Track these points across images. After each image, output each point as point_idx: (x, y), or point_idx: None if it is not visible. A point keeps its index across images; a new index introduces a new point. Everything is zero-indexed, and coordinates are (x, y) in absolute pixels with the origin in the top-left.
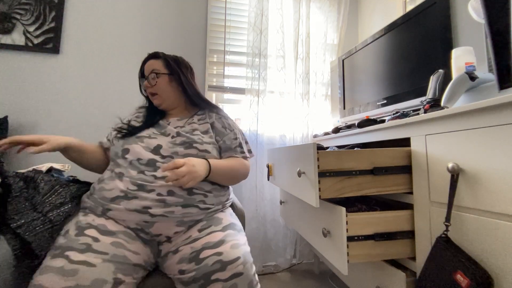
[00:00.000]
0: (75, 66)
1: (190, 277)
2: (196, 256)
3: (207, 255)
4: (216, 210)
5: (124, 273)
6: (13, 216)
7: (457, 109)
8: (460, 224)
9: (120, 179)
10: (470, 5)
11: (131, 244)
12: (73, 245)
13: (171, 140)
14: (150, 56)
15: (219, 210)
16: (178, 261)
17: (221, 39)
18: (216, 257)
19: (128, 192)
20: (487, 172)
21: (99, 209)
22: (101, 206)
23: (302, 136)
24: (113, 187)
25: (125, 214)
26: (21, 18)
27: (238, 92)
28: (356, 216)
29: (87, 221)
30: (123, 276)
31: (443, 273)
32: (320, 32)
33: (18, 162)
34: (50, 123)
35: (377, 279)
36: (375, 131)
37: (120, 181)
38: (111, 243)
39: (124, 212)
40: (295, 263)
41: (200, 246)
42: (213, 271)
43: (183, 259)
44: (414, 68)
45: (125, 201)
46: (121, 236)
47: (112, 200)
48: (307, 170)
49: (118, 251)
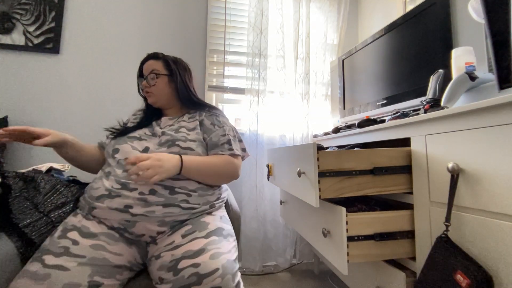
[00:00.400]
0: (75, 66)
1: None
2: (175, 266)
3: (184, 265)
4: (203, 211)
5: (103, 275)
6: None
7: (457, 109)
8: (460, 224)
9: (107, 178)
10: (470, 5)
11: (113, 245)
12: (51, 248)
13: (158, 140)
14: (149, 57)
15: (206, 210)
16: (158, 268)
17: (221, 39)
18: (193, 269)
19: (112, 191)
20: (487, 172)
21: (86, 208)
22: (88, 205)
23: (302, 136)
24: (99, 186)
25: (108, 213)
26: (21, 18)
27: (238, 92)
28: (356, 216)
29: (73, 223)
30: (102, 279)
31: (443, 273)
32: (320, 32)
33: (18, 162)
34: (50, 123)
35: (377, 279)
36: (375, 131)
37: (107, 180)
38: (91, 245)
39: (107, 210)
40: (295, 263)
41: (180, 254)
42: (189, 285)
43: (162, 267)
44: (414, 68)
45: (108, 199)
46: (102, 238)
47: (97, 199)
48: (307, 170)
49: (97, 253)
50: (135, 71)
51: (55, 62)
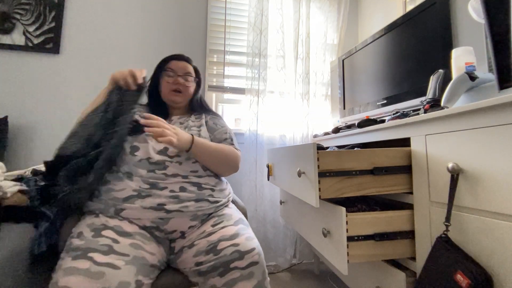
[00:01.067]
0: (75, 66)
1: (209, 266)
2: (214, 248)
3: (224, 246)
4: (223, 204)
5: (143, 274)
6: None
7: (457, 109)
8: (460, 224)
9: (130, 178)
10: (470, 5)
11: (148, 245)
12: (94, 246)
13: None
14: (183, 58)
15: (225, 204)
16: (194, 254)
17: (221, 39)
18: (234, 248)
19: (141, 191)
20: (487, 172)
21: (111, 210)
22: (113, 207)
23: (302, 136)
24: (124, 187)
25: (141, 212)
26: (21, 18)
27: (238, 92)
28: (356, 216)
29: (101, 222)
30: (143, 278)
31: (443, 273)
32: (320, 32)
33: (18, 162)
34: (50, 123)
35: (377, 279)
36: (375, 131)
37: (131, 180)
38: (130, 244)
39: (140, 210)
40: (295, 263)
41: (216, 239)
42: (232, 260)
43: (200, 252)
44: (414, 68)
45: (139, 200)
46: (138, 237)
47: (126, 200)
48: (307, 170)
49: (137, 252)
50: None
51: (55, 62)
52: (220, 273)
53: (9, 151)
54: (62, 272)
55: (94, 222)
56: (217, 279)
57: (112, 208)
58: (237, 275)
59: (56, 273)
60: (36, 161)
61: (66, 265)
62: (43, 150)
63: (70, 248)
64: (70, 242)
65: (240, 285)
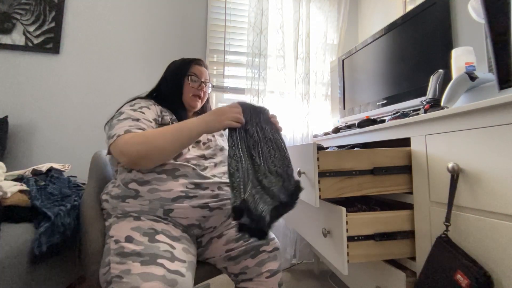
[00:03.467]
0: (75, 66)
1: (240, 250)
2: (242, 236)
3: None
4: None
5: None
6: None
7: (457, 109)
8: (460, 224)
9: (175, 179)
10: (470, 5)
11: (192, 248)
12: (158, 252)
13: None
14: (204, 64)
15: None
16: (225, 243)
17: (221, 39)
18: None
19: (188, 192)
20: (487, 172)
21: (159, 210)
22: (161, 208)
23: (302, 136)
24: (170, 188)
25: (189, 211)
26: (21, 18)
27: (238, 92)
28: (356, 216)
29: (148, 226)
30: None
31: (443, 273)
32: (320, 32)
33: (18, 162)
34: (50, 123)
35: (377, 279)
36: (375, 131)
37: (176, 181)
38: (182, 249)
39: (189, 209)
40: (295, 263)
41: None
42: (261, 245)
43: (230, 240)
44: (414, 68)
45: (187, 200)
46: (184, 241)
47: (174, 200)
48: (307, 170)
49: (188, 257)
50: (135, 71)
51: (55, 62)
52: (252, 255)
53: (9, 151)
54: (138, 277)
55: (140, 225)
56: (249, 261)
57: (161, 209)
58: (266, 257)
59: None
60: (36, 161)
61: (138, 270)
62: (43, 150)
63: (126, 252)
64: (121, 246)
65: (267, 265)
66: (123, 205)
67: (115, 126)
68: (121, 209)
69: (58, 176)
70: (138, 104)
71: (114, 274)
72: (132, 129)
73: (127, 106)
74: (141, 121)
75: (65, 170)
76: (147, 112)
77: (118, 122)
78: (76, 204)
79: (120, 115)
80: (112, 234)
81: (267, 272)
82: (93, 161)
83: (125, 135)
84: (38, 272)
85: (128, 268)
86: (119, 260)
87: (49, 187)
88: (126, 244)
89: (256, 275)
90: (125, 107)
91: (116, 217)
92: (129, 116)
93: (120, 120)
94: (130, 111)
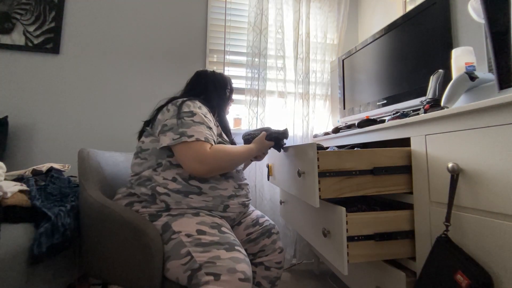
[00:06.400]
0: (75, 66)
1: (258, 233)
2: (257, 222)
3: (263, 220)
4: None
5: None
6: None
7: (457, 109)
8: (460, 224)
9: (226, 180)
10: (470, 5)
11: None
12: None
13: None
14: None
15: None
16: (244, 228)
17: (221, 39)
18: (268, 221)
19: (236, 191)
20: (487, 172)
21: (220, 206)
22: (221, 204)
23: (302, 136)
24: (226, 187)
25: (238, 208)
26: (21, 18)
27: (238, 92)
28: (356, 216)
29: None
30: None
31: (443, 273)
32: (320, 32)
33: (18, 162)
34: (50, 123)
35: (377, 279)
36: (375, 131)
37: (227, 182)
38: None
39: (237, 206)
40: (295, 263)
41: (255, 216)
42: (271, 228)
43: (248, 226)
44: (414, 68)
45: (236, 198)
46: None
47: (229, 198)
48: (307, 170)
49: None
50: (134, 71)
51: (55, 62)
52: (267, 236)
53: (9, 151)
54: (230, 261)
55: (203, 220)
56: (266, 240)
57: (221, 205)
58: (276, 237)
59: (221, 261)
60: (36, 161)
61: (226, 255)
62: (43, 150)
63: (205, 243)
64: (197, 238)
65: (278, 243)
66: (188, 201)
67: (192, 127)
68: (186, 204)
69: (58, 176)
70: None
71: (202, 261)
72: (209, 139)
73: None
74: (212, 130)
75: (65, 170)
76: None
77: (193, 124)
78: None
79: (192, 115)
80: (179, 229)
81: (279, 248)
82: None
83: (208, 145)
84: (38, 272)
85: (217, 254)
86: (202, 250)
87: (49, 187)
88: (202, 236)
89: (271, 251)
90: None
91: (170, 215)
92: (202, 121)
93: (196, 123)
94: (201, 115)
